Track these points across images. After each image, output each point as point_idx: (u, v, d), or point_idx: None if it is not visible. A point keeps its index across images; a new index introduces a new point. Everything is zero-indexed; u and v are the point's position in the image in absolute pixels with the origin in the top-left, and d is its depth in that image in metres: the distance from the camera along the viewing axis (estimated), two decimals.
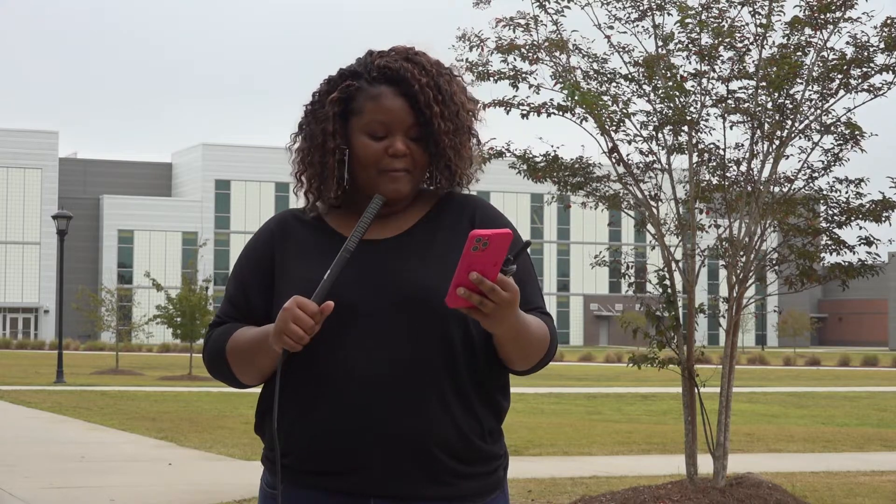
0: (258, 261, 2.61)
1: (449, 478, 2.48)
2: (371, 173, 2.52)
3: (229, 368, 2.57)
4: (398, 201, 2.55)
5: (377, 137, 2.50)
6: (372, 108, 2.50)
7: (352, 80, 2.54)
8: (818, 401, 26.04)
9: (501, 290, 2.28)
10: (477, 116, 2.61)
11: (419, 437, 2.44)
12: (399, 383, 2.44)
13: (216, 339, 2.59)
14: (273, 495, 2.55)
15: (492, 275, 2.28)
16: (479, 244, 2.24)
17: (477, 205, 2.61)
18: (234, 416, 18.67)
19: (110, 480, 11.21)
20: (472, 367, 2.50)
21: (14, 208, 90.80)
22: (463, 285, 2.29)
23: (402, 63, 2.51)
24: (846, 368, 49.81)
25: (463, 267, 2.27)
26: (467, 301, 2.30)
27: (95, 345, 63.93)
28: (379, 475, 2.45)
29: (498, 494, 2.57)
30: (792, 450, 15.13)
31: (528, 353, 2.49)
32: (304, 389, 2.49)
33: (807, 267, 9.21)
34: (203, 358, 2.64)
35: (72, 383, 28.83)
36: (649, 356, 9.10)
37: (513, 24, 9.28)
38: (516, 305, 2.34)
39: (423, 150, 2.52)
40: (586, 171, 9.53)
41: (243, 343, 2.53)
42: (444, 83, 2.53)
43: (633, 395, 26.95)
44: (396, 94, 2.50)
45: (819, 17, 8.85)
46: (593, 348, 79.94)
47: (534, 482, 11.10)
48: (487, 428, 2.54)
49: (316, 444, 2.47)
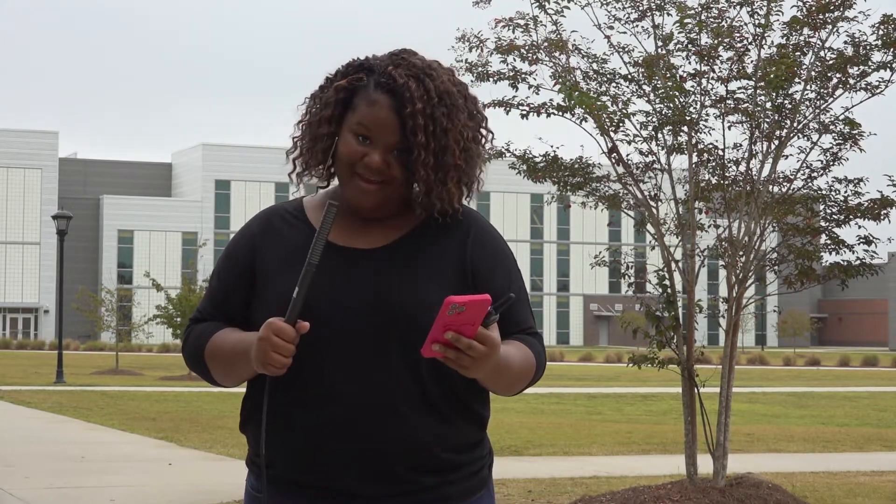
0: (240, 267, 2.56)
1: (433, 485, 2.47)
2: (344, 171, 2.46)
3: (207, 370, 2.55)
4: (362, 210, 2.49)
5: (361, 139, 2.44)
6: (365, 112, 2.43)
7: (364, 74, 2.48)
8: (818, 401, 26.05)
9: (479, 345, 2.25)
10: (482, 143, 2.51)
11: (400, 449, 2.43)
12: (377, 395, 2.42)
13: (196, 337, 2.56)
14: (258, 499, 2.54)
15: (469, 332, 2.23)
16: (454, 310, 2.19)
17: (472, 222, 2.54)
18: (234, 417, 18.60)
19: (110, 480, 11.21)
20: (450, 381, 2.46)
21: (14, 208, 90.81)
22: (438, 342, 2.25)
23: (408, 80, 2.42)
24: (846, 368, 49.82)
25: (438, 327, 2.22)
26: (442, 353, 2.26)
27: (95, 345, 63.94)
28: (360, 486, 2.44)
29: (483, 493, 2.57)
30: (792, 450, 15.14)
31: (511, 384, 2.46)
32: (283, 402, 2.47)
33: (806, 266, 9.21)
34: (182, 352, 2.61)
35: (72, 383, 28.83)
36: (649, 356, 9.11)
37: (512, 25, 9.29)
38: (496, 354, 2.30)
39: (404, 167, 2.43)
40: (586, 172, 9.53)
41: (223, 350, 2.50)
42: (442, 115, 2.41)
43: (633, 395, 26.95)
44: (391, 109, 2.41)
45: (817, 16, 8.86)
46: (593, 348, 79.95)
47: (534, 482, 11.11)
48: (469, 438, 2.52)
49: (297, 456, 2.46)
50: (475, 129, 2.49)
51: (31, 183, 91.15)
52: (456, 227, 2.52)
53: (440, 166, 2.42)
